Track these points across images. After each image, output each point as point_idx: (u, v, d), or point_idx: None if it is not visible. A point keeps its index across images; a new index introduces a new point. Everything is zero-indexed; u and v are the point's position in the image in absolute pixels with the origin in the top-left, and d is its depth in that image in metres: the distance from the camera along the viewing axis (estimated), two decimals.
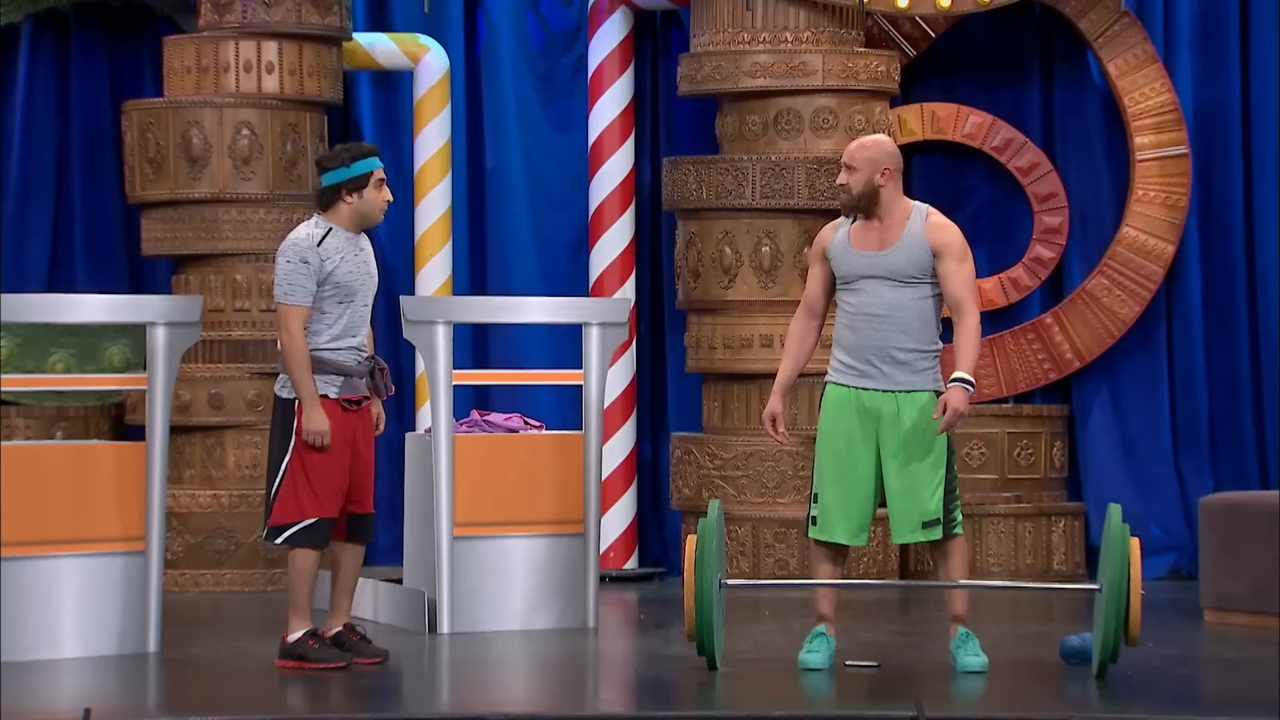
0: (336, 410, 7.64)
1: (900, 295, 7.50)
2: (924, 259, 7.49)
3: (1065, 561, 10.48)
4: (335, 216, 7.73)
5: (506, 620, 8.68)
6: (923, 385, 7.52)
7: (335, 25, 10.38)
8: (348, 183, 7.70)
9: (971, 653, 7.53)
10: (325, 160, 7.76)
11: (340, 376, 7.66)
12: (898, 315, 7.50)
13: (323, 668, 7.57)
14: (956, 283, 7.47)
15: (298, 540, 7.62)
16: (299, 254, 7.61)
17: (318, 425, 7.56)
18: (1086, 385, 10.87)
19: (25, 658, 7.81)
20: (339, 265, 7.64)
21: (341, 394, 7.66)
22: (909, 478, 7.48)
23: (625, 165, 10.87)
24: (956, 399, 7.36)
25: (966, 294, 7.47)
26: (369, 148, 7.80)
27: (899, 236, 7.50)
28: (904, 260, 7.49)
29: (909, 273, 7.49)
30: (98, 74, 11.01)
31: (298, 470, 7.60)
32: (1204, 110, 10.86)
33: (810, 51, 10.19)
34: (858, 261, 7.55)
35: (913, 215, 7.54)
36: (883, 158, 7.53)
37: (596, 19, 10.90)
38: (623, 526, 10.79)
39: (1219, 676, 7.74)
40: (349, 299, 7.67)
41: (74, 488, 7.94)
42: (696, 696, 7.30)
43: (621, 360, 10.72)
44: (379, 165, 7.75)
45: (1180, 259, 10.79)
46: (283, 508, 7.62)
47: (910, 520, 7.49)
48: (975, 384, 7.42)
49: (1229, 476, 10.75)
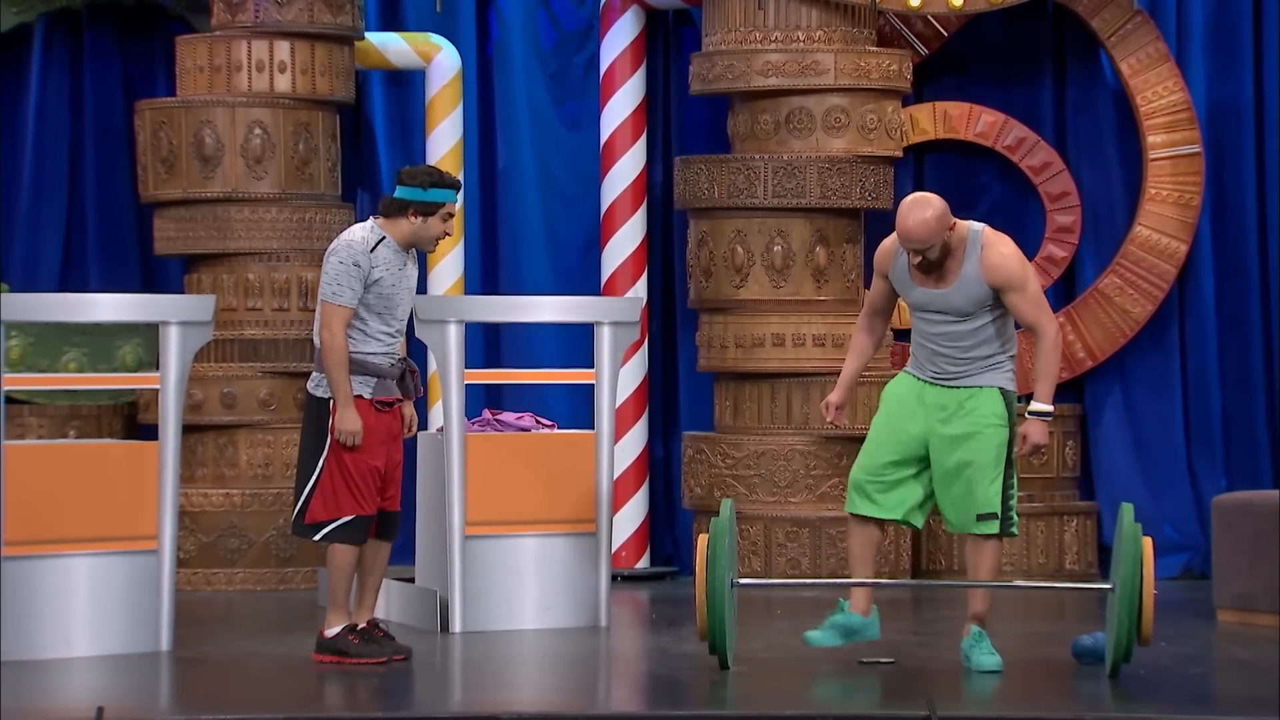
0: (371, 410, 7.69)
1: (963, 327, 7.50)
2: (981, 296, 7.45)
3: (1078, 561, 10.47)
4: (393, 228, 7.75)
5: (518, 619, 8.68)
6: (991, 381, 7.52)
7: (347, 24, 10.38)
8: (418, 204, 7.72)
9: (985, 652, 7.52)
10: (407, 176, 7.77)
11: (374, 378, 7.71)
12: (964, 343, 7.51)
13: (362, 663, 7.61)
14: (1024, 311, 7.43)
15: (336, 537, 7.68)
16: (352, 256, 7.65)
17: (350, 425, 7.61)
18: (1099, 384, 10.86)
19: (38, 656, 7.82)
20: (384, 277, 7.68)
21: (375, 395, 7.71)
22: (967, 470, 7.48)
23: (637, 164, 10.87)
24: (1036, 433, 7.44)
25: (1037, 316, 7.43)
26: (452, 180, 7.80)
27: (957, 274, 7.43)
28: (962, 299, 7.46)
29: (966, 310, 7.47)
30: (110, 73, 11.02)
31: (334, 468, 7.65)
32: (1216, 109, 10.84)
33: (822, 50, 10.18)
34: (919, 296, 7.53)
35: (969, 247, 7.43)
36: (942, 218, 7.34)
37: (608, 18, 10.90)
38: (634, 525, 10.79)
39: (1232, 676, 7.73)
40: (388, 310, 7.72)
41: (86, 487, 7.95)
42: (708, 696, 7.30)
43: (633, 359, 10.72)
44: (453, 199, 7.77)
45: (1193, 258, 10.78)
46: (320, 505, 7.67)
47: (966, 511, 7.49)
48: (1054, 411, 7.46)
49: (1242, 476, 10.73)
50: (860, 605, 7.66)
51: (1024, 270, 7.46)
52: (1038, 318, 7.45)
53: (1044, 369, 7.44)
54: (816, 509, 10.15)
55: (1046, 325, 7.44)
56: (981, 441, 7.48)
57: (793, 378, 10.20)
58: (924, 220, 7.34)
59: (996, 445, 7.49)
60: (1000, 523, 7.49)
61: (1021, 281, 7.43)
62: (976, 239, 7.46)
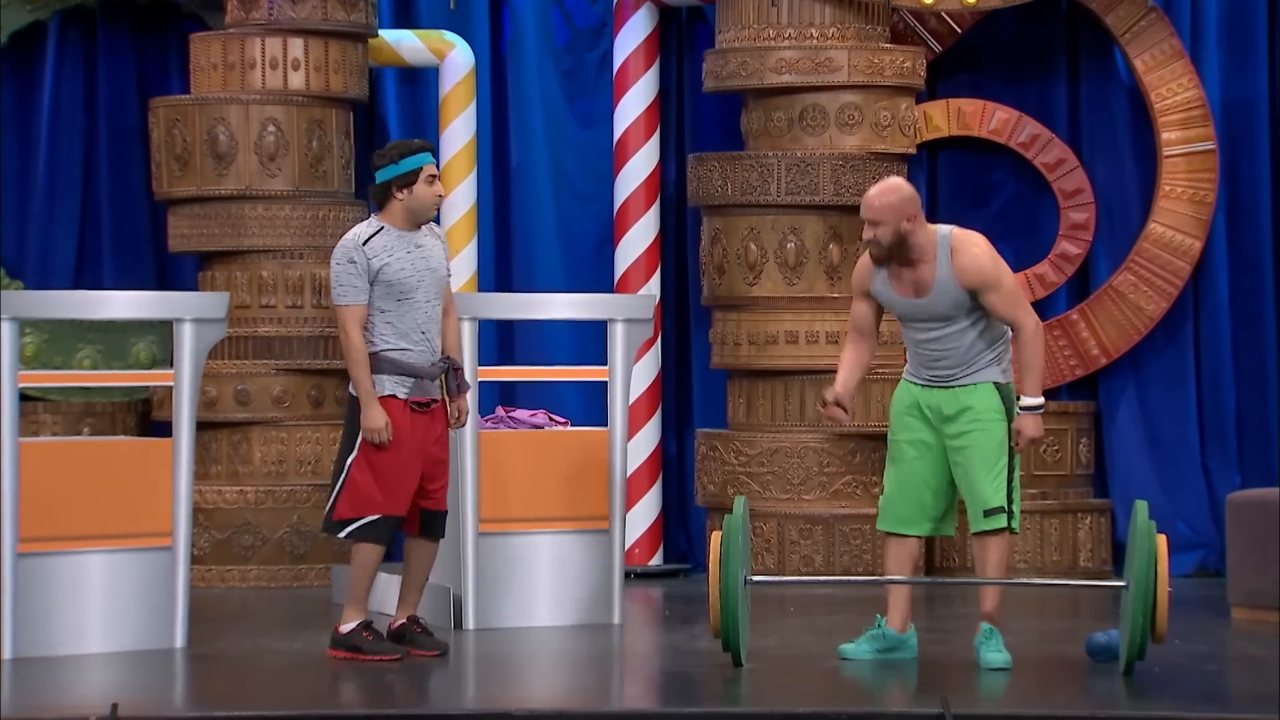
0: (405, 411, 7.69)
1: (950, 329, 7.51)
2: (960, 299, 7.47)
3: (1091, 558, 10.46)
4: (388, 215, 7.77)
5: (531, 616, 8.69)
6: (985, 378, 7.53)
7: (361, 22, 10.39)
8: (398, 179, 7.74)
9: (994, 649, 7.52)
10: (377, 158, 7.81)
11: (410, 378, 7.70)
12: (954, 345, 7.52)
13: (376, 659, 7.63)
14: (1001, 308, 7.45)
15: (361, 535, 7.70)
16: (346, 254, 7.68)
17: (374, 423, 7.62)
18: (1113, 382, 10.84)
19: (52, 653, 7.83)
20: (388, 263, 7.67)
21: (410, 395, 7.70)
22: (969, 467, 7.50)
23: (650, 161, 10.87)
24: (1029, 427, 7.46)
25: (1013, 313, 7.45)
26: (419, 144, 7.83)
27: (932, 281, 7.46)
28: (941, 305, 7.48)
29: (949, 315, 7.49)
30: (124, 71, 11.03)
31: (364, 467, 7.67)
32: (1231, 105, 10.83)
33: (836, 47, 10.18)
34: (903, 307, 7.55)
35: (939, 251, 7.45)
36: (904, 204, 7.43)
37: (621, 15, 10.89)
38: (648, 523, 10.79)
39: (1246, 674, 7.71)
40: (406, 297, 7.70)
41: (101, 483, 7.96)
42: (722, 693, 7.30)
43: (646, 357, 10.72)
44: (430, 160, 7.78)
45: (1207, 255, 10.76)
46: (348, 502, 7.69)
47: (975, 509, 7.51)
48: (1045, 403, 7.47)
49: (1256, 473, 10.72)
50: (896, 621, 7.67)
51: (996, 268, 7.46)
52: (1014, 313, 7.45)
53: (1027, 362, 7.44)
54: (830, 506, 10.15)
55: (1024, 319, 7.44)
56: (980, 438, 7.49)
57: (806, 375, 10.20)
58: (885, 197, 7.41)
59: (996, 440, 7.50)
60: (1007, 516, 7.50)
61: (995, 280, 7.44)
62: (946, 242, 7.47)
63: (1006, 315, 7.46)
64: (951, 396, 7.54)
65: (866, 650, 7.64)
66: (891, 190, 7.46)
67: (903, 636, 7.67)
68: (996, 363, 7.55)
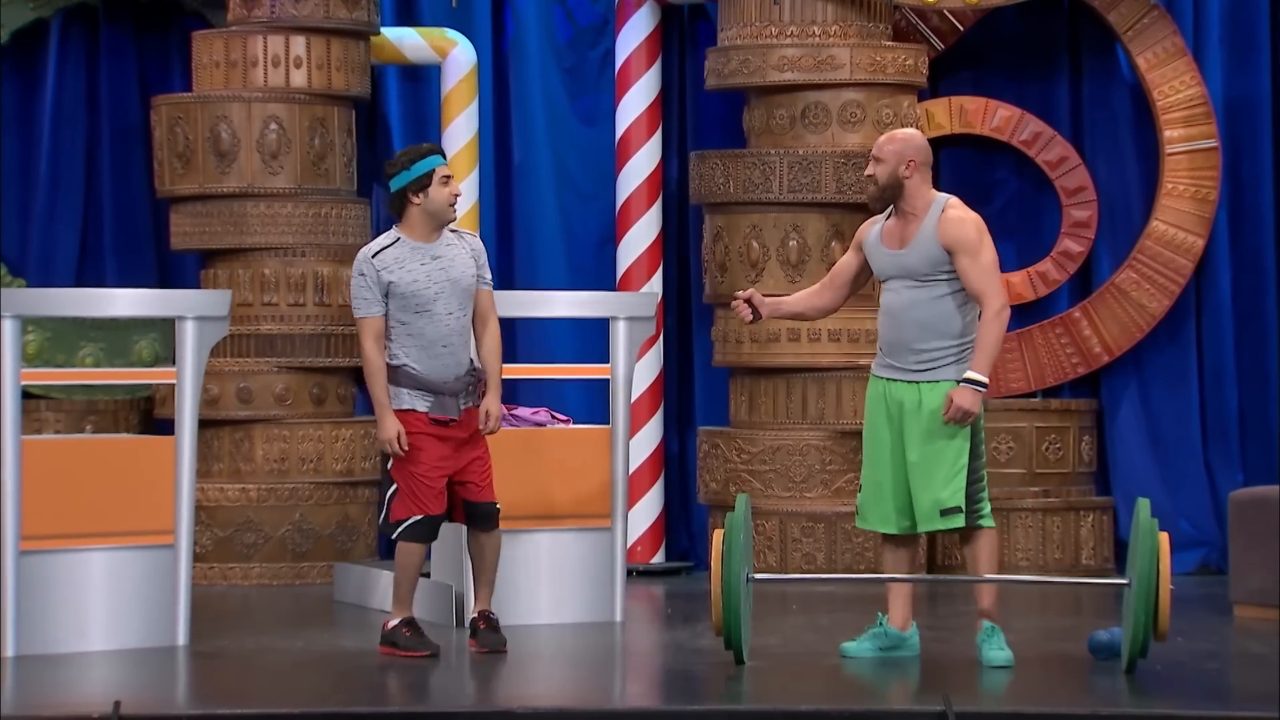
0: (426, 421, 7.76)
1: (916, 294, 7.51)
2: (937, 257, 7.48)
3: (1094, 556, 10.46)
4: (407, 224, 7.80)
5: (533, 614, 8.69)
6: (945, 375, 7.52)
7: (363, 20, 10.39)
8: (412, 184, 7.77)
9: (996, 647, 7.52)
10: (389, 168, 7.85)
11: (431, 394, 7.73)
12: (913, 314, 7.51)
13: (411, 655, 7.74)
14: (971, 278, 7.47)
15: (406, 535, 7.84)
16: (357, 266, 7.78)
17: (386, 434, 7.70)
18: (1115, 379, 10.84)
19: (55, 650, 7.83)
20: (400, 275, 7.69)
21: (430, 412, 7.74)
22: (926, 466, 7.50)
23: (652, 159, 10.87)
24: (961, 398, 7.42)
25: (984, 286, 7.45)
26: (429, 147, 7.87)
27: (915, 235, 7.52)
28: (916, 259, 7.50)
29: (923, 271, 7.49)
30: (127, 69, 11.03)
31: (400, 473, 7.78)
32: (1233, 103, 10.82)
33: (838, 45, 10.18)
34: (884, 261, 7.59)
35: (931, 210, 7.54)
36: (909, 150, 7.54)
37: (624, 13, 10.89)
38: (650, 520, 10.79)
39: (1248, 671, 7.71)
40: (425, 309, 7.71)
41: (103, 481, 7.96)
42: (723, 691, 7.30)
43: (649, 354, 10.72)
44: (441, 162, 7.81)
45: (1210, 253, 10.76)
46: (400, 505, 7.82)
47: (928, 508, 7.49)
48: (988, 382, 7.43)
49: (1258, 471, 10.72)
50: (898, 619, 7.67)
51: (979, 237, 7.49)
52: (984, 285, 7.44)
53: (983, 340, 7.44)
54: (832, 504, 10.15)
55: (991, 297, 7.43)
56: (937, 438, 7.47)
57: (808, 373, 10.20)
58: (893, 139, 7.56)
59: (956, 442, 7.48)
60: (966, 515, 7.49)
61: (974, 246, 7.46)
62: (940, 204, 7.55)
63: (976, 286, 7.45)
64: (913, 391, 7.53)
65: (868, 648, 7.64)
66: (900, 136, 7.60)
67: (904, 635, 7.68)
68: (958, 361, 7.54)
